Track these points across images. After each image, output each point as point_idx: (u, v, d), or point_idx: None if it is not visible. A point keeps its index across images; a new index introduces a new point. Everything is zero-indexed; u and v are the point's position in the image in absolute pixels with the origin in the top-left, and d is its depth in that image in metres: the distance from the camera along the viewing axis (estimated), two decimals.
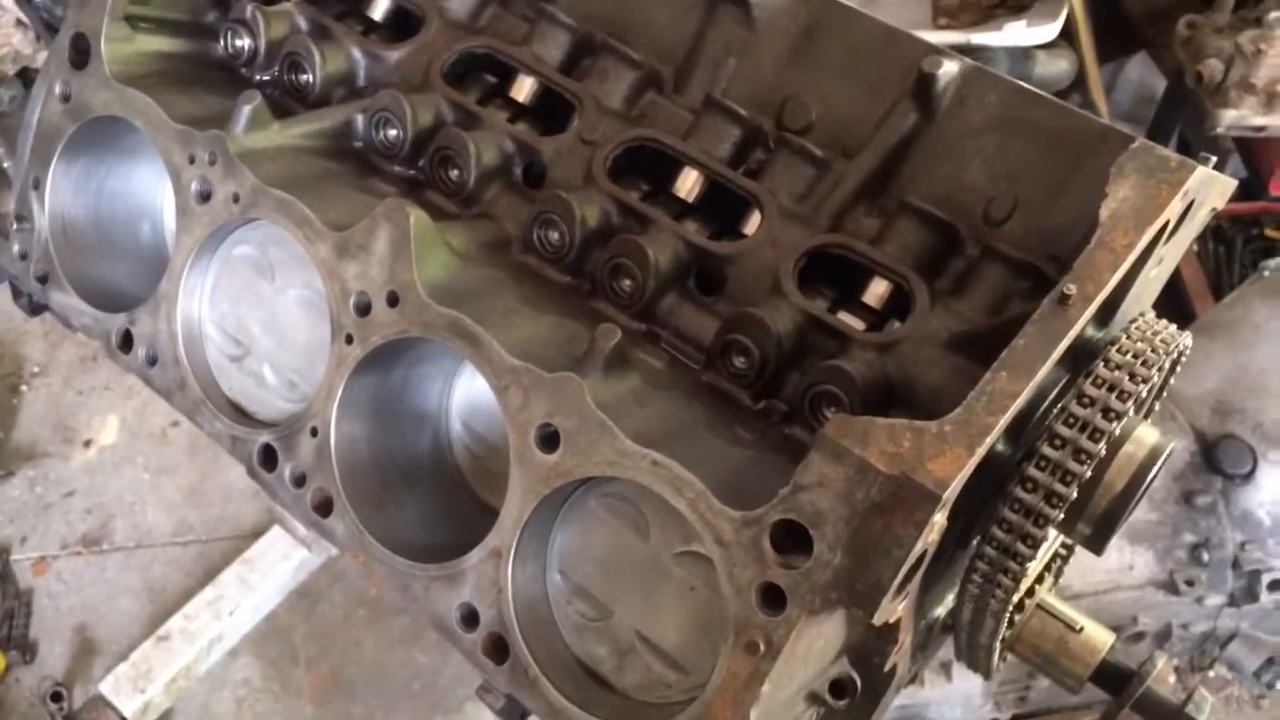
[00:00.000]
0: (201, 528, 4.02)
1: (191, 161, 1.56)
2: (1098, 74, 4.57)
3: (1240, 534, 3.05)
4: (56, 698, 3.47)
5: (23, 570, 3.94)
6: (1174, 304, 4.14)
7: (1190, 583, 3.04)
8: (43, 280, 1.75)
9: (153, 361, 1.64)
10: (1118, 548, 3.11)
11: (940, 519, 1.14)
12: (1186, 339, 1.35)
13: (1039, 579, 1.64)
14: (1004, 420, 1.14)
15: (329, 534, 1.50)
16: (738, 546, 1.19)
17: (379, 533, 1.47)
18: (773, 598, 1.18)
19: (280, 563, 3.62)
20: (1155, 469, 1.29)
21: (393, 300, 1.41)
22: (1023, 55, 3.77)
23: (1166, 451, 1.30)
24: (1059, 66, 3.81)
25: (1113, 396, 1.22)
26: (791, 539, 1.18)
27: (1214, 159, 1.46)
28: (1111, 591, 3.09)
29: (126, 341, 1.66)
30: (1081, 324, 1.20)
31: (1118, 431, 1.21)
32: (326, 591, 3.81)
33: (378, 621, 3.76)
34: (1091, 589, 3.10)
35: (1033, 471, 1.23)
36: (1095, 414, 1.22)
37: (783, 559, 1.18)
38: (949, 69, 1.48)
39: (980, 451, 1.13)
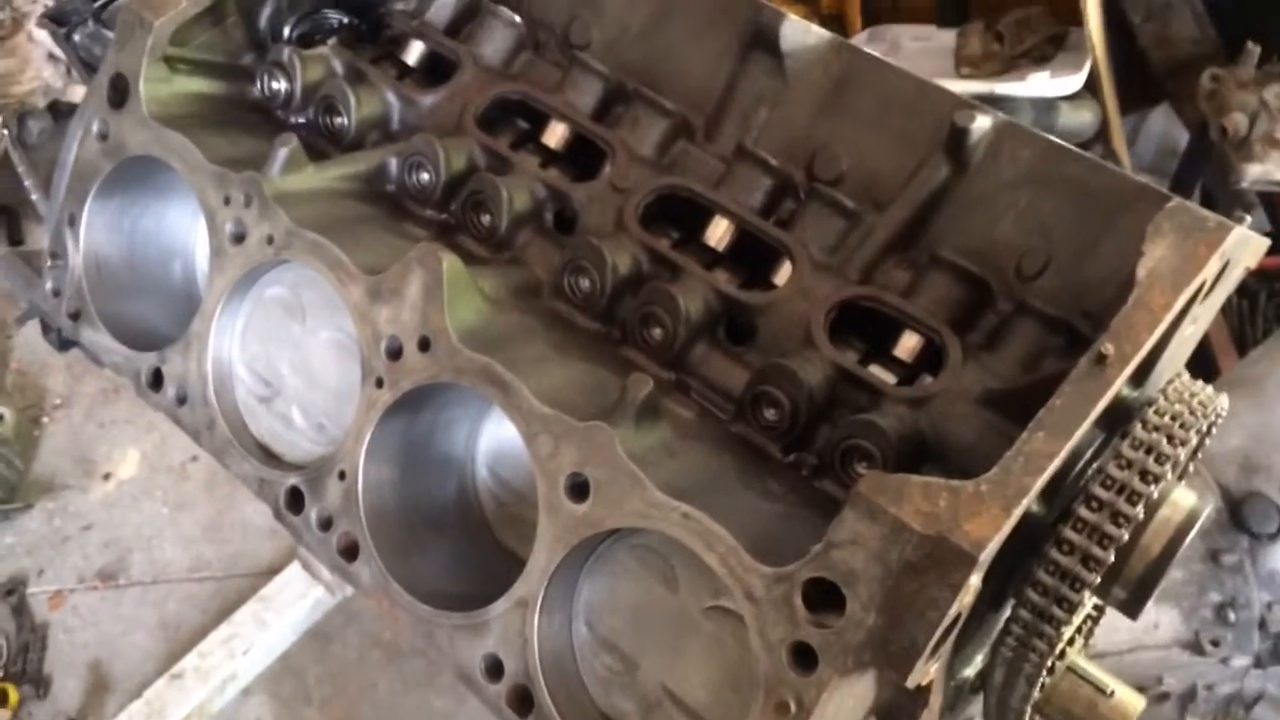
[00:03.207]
0: (218, 564, 4.01)
1: (227, 203, 1.57)
2: (1120, 125, 4.58)
3: (1267, 594, 3.01)
4: None
5: (39, 604, 3.93)
6: (1198, 359, 4.11)
7: (1216, 643, 2.99)
8: (75, 317, 1.75)
9: (182, 401, 1.64)
10: None
11: (976, 581, 1.12)
12: (1223, 401, 1.33)
13: (1069, 641, 1.61)
14: (1041, 481, 1.13)
15: (354, 579, 1.49)
16: (769, 603, 1.18)
17: (404, 579, 1.46)
18: (804, 657, 1.16)
19: (296, 601, 3.60)
20: (1192, 533, 1.27)
21: (424, 345, 1.41)
22: (1047, 106, 3.79)
23: (1203, 515, 1.28)
24: (1082, 118, 3.83)
25: (1150, 459, 1.21)
26: (824, 597, 1.16)
27: (1249, 218, 1.46)
28: (1135, 651, 3.05)
29: (156, 380, 1.66)
30: (1119, 384, 1.19)
31: (1156, 495, 1.20)
32: (341, 632, 3.78)
33: (392, 663, 3.73)
34: (1115, 648, 3.05)
35: (1069, 534, 1.21)
36: (1133, 477, 1.20)
37: (815, 617, 1.16)
38: (982, 123, 1.48)
39: (1017, 512, 1.11)
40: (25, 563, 4.03)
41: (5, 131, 4.48)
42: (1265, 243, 1.56)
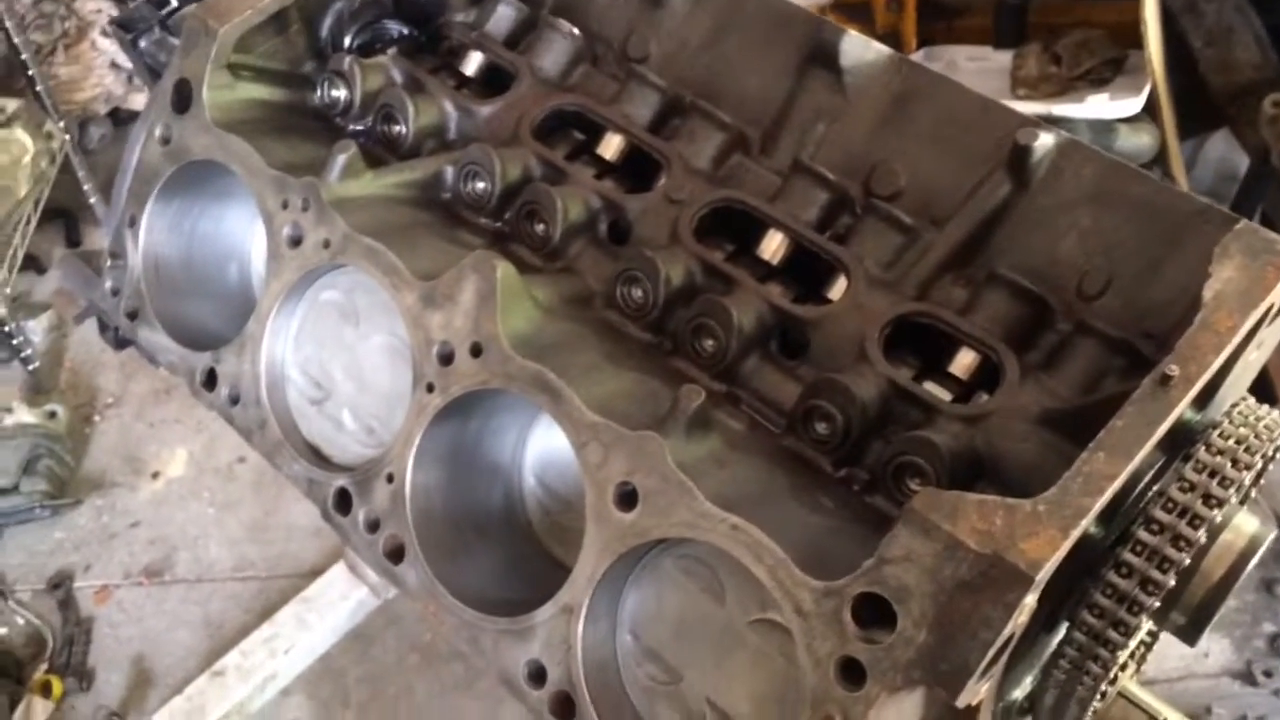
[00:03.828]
0: (262, 564, 4.04)
1: (285, 207, 1.59)
2: (1179, 150, 4.51)
3: None
4: None
5: (85, 598, 3.98)
6: (1255, 382, 4.03)
7: (1269, 674, 2.93)
8: (133, 316, 1.78)
9: (235, 401, 1.66)
10: None
11: (1031, 601, 1.10)
12: None
13: (1123, 666, 1.58)
14: (1100, 503, 1.11)
15: (400, 581, 1.49)
16: (818, 617, 1.17)
17: (450, 583, 1.46)
18: (852, 672, 1.15)
19: (338, 603, 3.61)
20: (1255, 558, 1.25)
21: (476, 351, 1.42)
22: (1105, 128, 3.74)
23: (1267, 541, 1.26)
24: (1141, 141, 3.77)
25: (1214, 483, 1.18)
26: (874, 613, 1.15)
27: None
28: (1185, 679, 3.00)
29: (210, 380, 1.68)
30: (1183, 406, 1.17)
31: (1219, 519, 1.17)
32: (381, 634, 3.79)
33: (430, 667, 3.73)
34: (1165, 675, 3.01)
35: (1128, 556, 1.19)
36: (1196, 500, 1.18)
37: (864, 633, 1.15)
38: (1045, 141, 1.46)
39: (1075, 534, 1.09)
40: (73, 558, 4.09)
41: (67, 136, 4.57)
42: None
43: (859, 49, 1.61)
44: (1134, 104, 3.72)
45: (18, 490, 4.02)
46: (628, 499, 1.30)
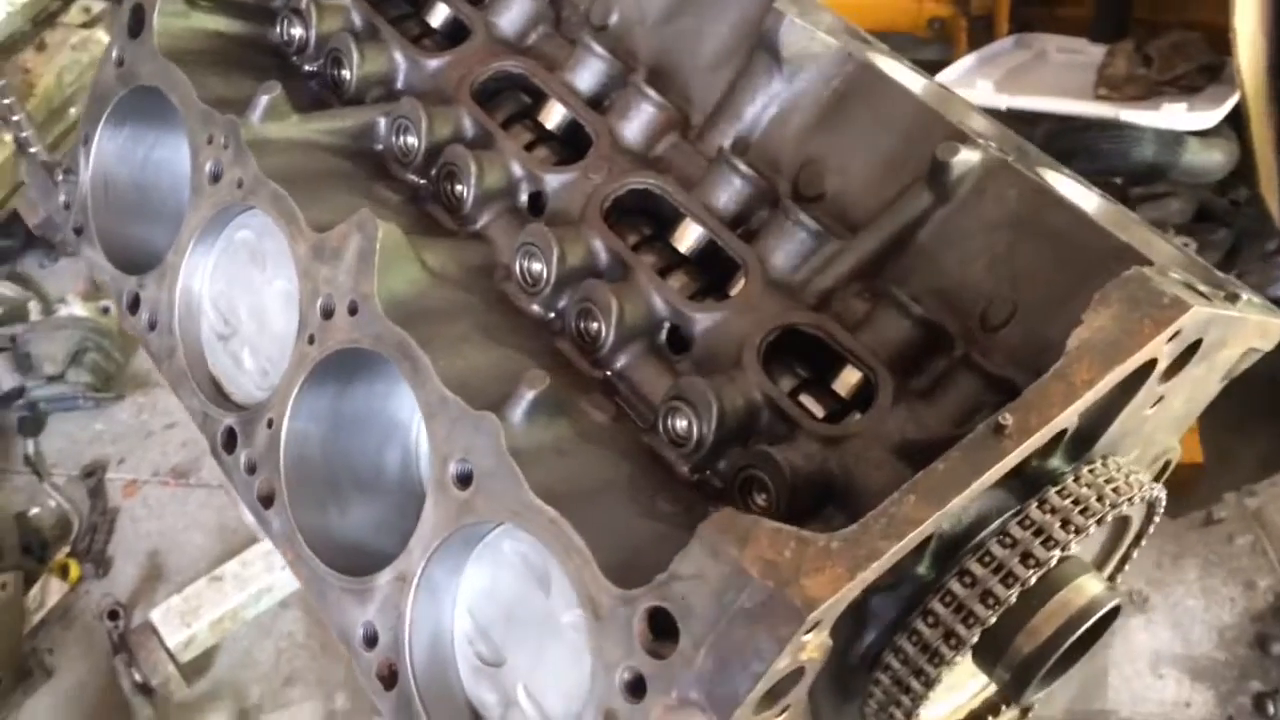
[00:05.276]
0: None
1: (209, 142, 1.60)
2: (1274, 168, 4.25)
3: None
4: (113, 616, 3.65)
5: (114, 489, 4.17)
6: None
7: None
8: (78, 232, 1.82)
9: (153, 326, 1.69)
10: (1177, 680, 2.90)
11: (813, 639, 1.06)
12: (1155, 491, 1.22)
13: (995, 710, 1.52)
14: (897, 549, 1.05)
15: (267, 526, 1.51)
16: (612, 624, 1.14)
17: (313, 533, 1.47)
18: (635, 685, 1.12)
19: None
20: (1090, 622, 1.17)
21: (353, 309, 1.42)
22: (1174, 140, 3.53)
23: (1107, 607, 1.18)
24: (1212, 157, 3.56)
25: (1037, 542, 1.11)
26: (665, 627, 1.12)
27: (1244, 295, 1.33)
28: None
29: (135, 303, 1.72)
30: (1014, 459, 1.10)
31: (1033, 581, 1.10)
32: None
33: None
34: (1141, 718, 2.89)
35: (936, 606, 1.13)
36: (1013, 558, 1.11)
37: (654, 646, 1.12)
38: (966, 158, 1.39)
39: (864, 576, 1.05)
40: (109, 449, 4.28)
41: None
42: (1278, 325, 1.43)
43: (802, 40, 1.54)
44: (1210, 117, 3.50)
45: (64, 379, 4.21)
46: (463, 478, 1.28)
